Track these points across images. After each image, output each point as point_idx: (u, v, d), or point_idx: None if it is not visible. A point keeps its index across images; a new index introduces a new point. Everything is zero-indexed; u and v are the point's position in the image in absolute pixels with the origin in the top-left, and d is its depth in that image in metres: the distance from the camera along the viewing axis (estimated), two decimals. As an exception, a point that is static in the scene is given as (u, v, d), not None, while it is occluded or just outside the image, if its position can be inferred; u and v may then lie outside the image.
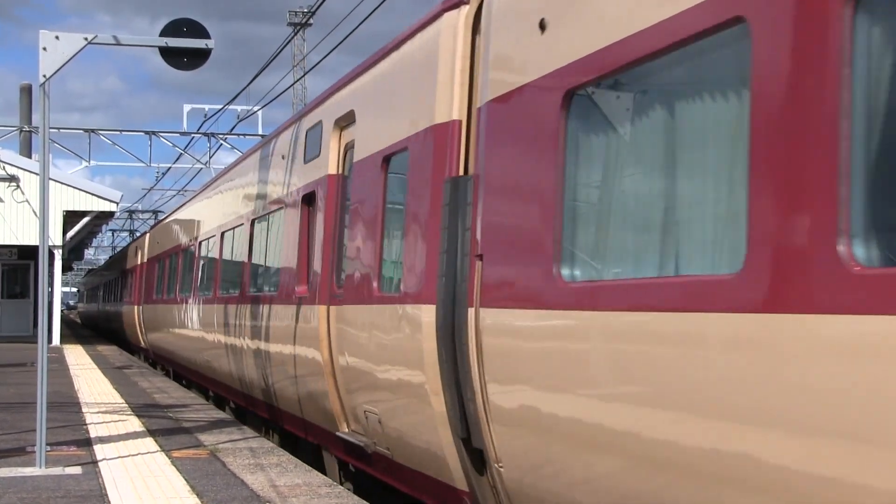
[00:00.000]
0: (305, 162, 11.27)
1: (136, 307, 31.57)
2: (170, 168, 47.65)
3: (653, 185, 5.26)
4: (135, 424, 12.74)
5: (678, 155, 5.08)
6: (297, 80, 56.52)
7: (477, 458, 6.91)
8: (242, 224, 15.01)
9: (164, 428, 12.42)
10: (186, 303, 20.35)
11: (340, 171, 10.14)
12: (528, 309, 5.93)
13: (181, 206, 24.76)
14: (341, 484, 10.05)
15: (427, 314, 7.21)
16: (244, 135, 42.01)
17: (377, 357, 8.41)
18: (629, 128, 5.44)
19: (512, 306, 6.14)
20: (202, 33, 10.40)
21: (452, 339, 6.82)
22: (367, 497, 9.26)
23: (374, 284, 8.45)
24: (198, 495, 8.16)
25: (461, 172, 7.07)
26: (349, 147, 9.85)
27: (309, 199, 11.06)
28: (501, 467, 6.37)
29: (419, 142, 7.65)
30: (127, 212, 71.17)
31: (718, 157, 4.76)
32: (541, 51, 5.93)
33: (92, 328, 62.94)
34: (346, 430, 9.64)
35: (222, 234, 16.83)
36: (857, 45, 3.76)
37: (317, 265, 10.35)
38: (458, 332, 6.73)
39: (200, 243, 19.49)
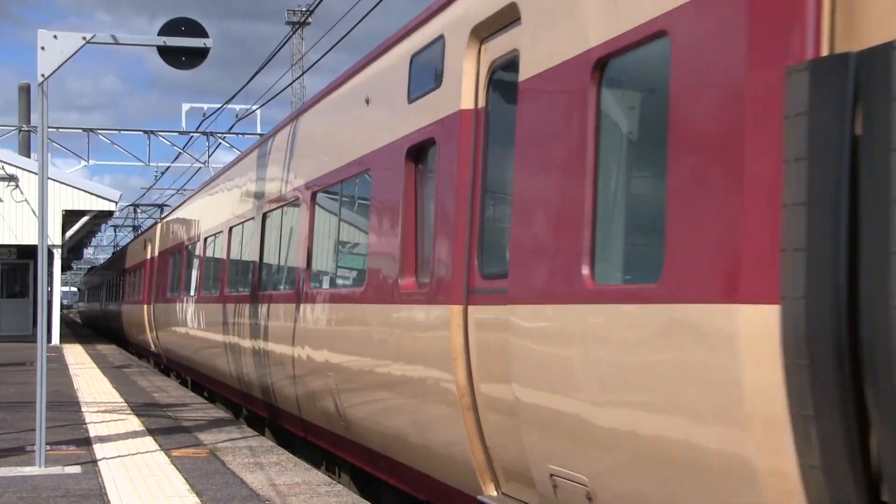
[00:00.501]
0: (410, 101, 8.03)
1: (145, 306, 28.01)
2: (168, 167, 47.67)
3: None
4: (134, 423, 12.74)
5: None
6: (296, 79, 56.49)
7: None
8: (297, 200, 11.54)
9: (164, 427, 12.42)
10: (212, 302, 16.86)
11: (482, 104, 6.88)
12: None
13: (203, 188, 20.74)
14: None
15: (752, 320, 4.01)
16: (243, 134, 41.99)
17: (595, 389, 5.08)
18: None
19: None
20: (200, 32, 10.40)
21: (839, 368, 3.65)
22: None
23: (584, 270, 5.20)
24: (197, 494, 8.16)
25: (821, 51, 3.92)
26: (501, 65, 6.72)
27: (418, 153, 7.93)
28: None
29: (702, 14, 4.42)
30: (132, 206, 66.68)
31: None
32: None
33: (92, 328, 60.76)
34: (496, 493, 6.69)
35: (265, 216, 13.41)
36: None
37: (440, 246, 7.09)
38: (871, 358, 3.56)
39: (231, 230, 15.90)
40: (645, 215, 5.07)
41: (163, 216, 28.99)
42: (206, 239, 18.67)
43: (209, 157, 41.50)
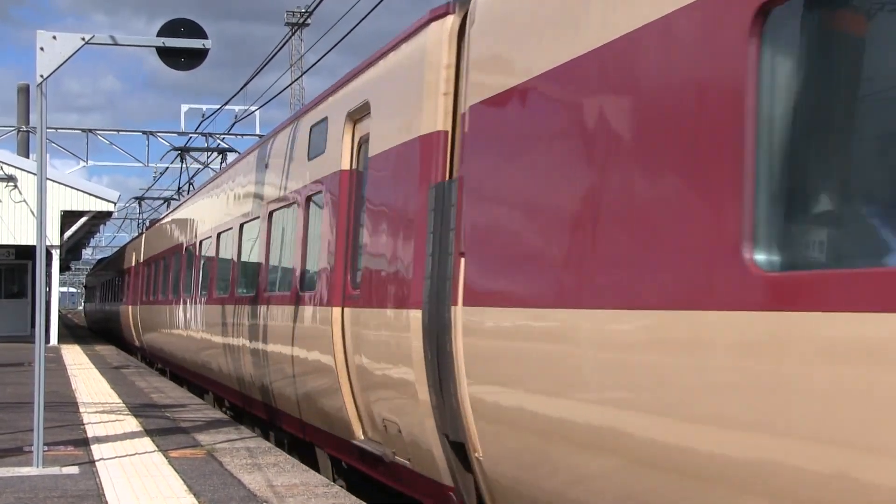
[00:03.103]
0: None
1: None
2: (167, 168, 47.61)
3: None
4: (132, 424, 12.74)
5: None
6: (295, 81, 56.53)
7: None
8: None
9: (162, 428, 12.42)
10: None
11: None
12: None
13: None
14: None
15: None
16: (242, 135, 41.99)
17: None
18: None
19: None
20: (199, 33, 10.40)
21: None
22: None
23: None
24: (195, 495, 8.16)
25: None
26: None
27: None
28: None
29: None
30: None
31: None
32: None
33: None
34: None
35: None
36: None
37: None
38: None
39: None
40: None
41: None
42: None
43: (208, 157, 41.47)
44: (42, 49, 9.42)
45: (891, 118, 3.88)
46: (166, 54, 10.36)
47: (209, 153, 38.68)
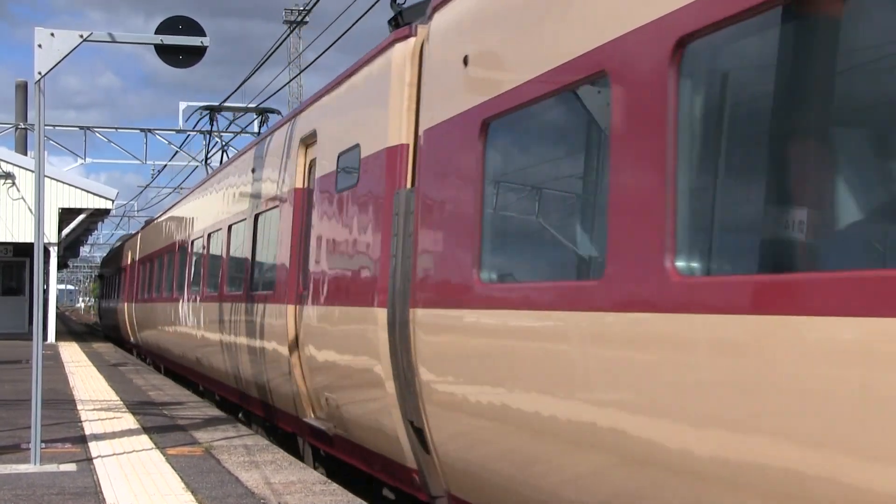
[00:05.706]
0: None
1: None
2: (165, 166, 47.60)
3: None
4: (130, 422, 12.74)
5: None
6: (293, 78, 56.54)
7: None
8: None
9: (159, 425, 12.42)
10: None
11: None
12: None
13: None
14: None
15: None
16: (239, 132, 41.94)
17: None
18: None
19: None
20: (197, 31, 10.40)
21: None
22: None
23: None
24: (192, 492, 8.16)
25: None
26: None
27: None
28: None
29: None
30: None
31: None
32: None
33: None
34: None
35: None
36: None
37: None
38: None
39: None
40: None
41: None
42: None
43: (206, 155, 41.44)
44: (40, 46, 9.42)
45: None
46: (164, 52, 10.36)
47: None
